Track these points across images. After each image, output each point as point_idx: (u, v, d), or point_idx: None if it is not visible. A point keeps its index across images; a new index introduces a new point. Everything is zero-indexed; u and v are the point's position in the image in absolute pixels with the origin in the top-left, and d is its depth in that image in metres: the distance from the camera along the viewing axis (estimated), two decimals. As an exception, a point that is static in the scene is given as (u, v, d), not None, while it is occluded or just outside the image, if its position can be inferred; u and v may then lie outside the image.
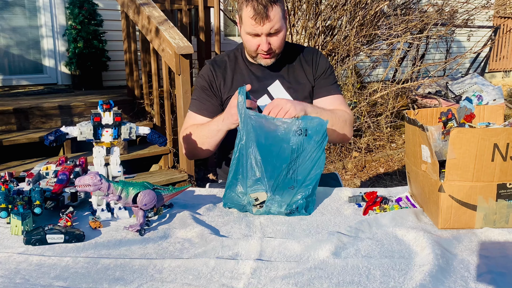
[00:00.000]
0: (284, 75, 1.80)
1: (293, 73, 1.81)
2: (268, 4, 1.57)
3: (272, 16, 1.59)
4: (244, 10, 1.61)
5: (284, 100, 1.52)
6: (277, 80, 1.79)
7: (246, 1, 1.60)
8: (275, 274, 1.03)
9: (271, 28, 1.61)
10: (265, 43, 1.64)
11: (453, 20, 5.58)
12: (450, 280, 1.00)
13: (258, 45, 1.66)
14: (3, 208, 1.28)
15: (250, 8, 1.59)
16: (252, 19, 1.59)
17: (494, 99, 6.26)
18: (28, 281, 1.00)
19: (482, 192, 1.22)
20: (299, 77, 1.81)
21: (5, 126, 3.61)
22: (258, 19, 1.58)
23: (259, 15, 1.58)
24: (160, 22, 3.54)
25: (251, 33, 1.64)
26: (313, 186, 1.40)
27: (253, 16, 1.58)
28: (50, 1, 5.05)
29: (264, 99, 1.77)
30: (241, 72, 1.80)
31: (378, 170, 4.65)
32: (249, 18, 1.60)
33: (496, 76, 9.88)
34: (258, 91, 1.77)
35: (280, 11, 1.61)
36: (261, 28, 1.61)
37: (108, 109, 1.35)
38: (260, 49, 1.67)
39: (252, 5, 1.58)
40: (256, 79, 1.79)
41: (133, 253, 1.14)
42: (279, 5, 1.61)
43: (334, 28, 4.82)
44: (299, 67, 1.82)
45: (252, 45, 1.68)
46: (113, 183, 1.23)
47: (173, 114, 3.82)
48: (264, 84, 1.78)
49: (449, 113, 1.38)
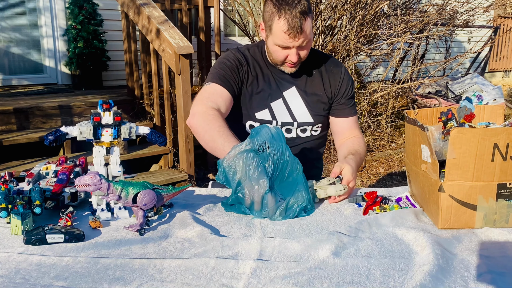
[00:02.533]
0: (302, 83, 1.76)
1: (312, 82, 1.76)
2: (302, 18, 1.51)
3: (307, 30, 1.53)
4: (276, 22, 1.54)
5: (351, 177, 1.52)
6: (293, 86, 1.75)
7: (278, 13, 1.52)
8: (275, 274, 1.03)
9: (304, 41, 1.56)
10: (295, 55, 1.59)
11: (453, 20, 5.58)
12: (450, 280, 1.00)
13: (287, 55, 1.61)
14: (3, 208, 1.28)
15: (283, 21, 1.51)
16: (286, 34, 1.52)
17: (494, 99, 6.26)
18: (28, 281, 1.00)
19: (482, 192, 1.22)
20: (317, 88, 1.77)
21: (5, 126, 3.61)
22: (292, 34, 1.52)
23: (293, 30, 1.51)
24: (161, 22, 3.54)
25: (282, 45, 1.58)
26: (304, 189, 1.37)
27: (287, 30, 1.52)
28: (50, 1, 5.05)
29: (278, 102, 1.74)
30: (261, 70, 1.74)
31: (378, 170, 4.65)
32: (282, 31, 1.53)
33: (496, 76, 9.87)
34: (273, 94, 1.74)
35: (311, 22, 1.55)
36: (294, 42, 1.55)
37: (108, 109, 1.34)
38: (289, 60, 1.62)
39: (286, 18, 1.51)
40: (274, 81, 1.74)
41: (133, 253, 1.14)
42: (310, 16, 1.55)
43: (334, 28, 4.82)
44: (319, 77, 1.77)
45: (280, 55, 1.62)
46: (113, 183, 1.23)
47: (173, 114, 3.82)
48: (280, 88, 1.74)
49: (449, 113, 1.38)
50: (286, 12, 1.51)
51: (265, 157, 1.34)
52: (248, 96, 1.73)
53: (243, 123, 1.76)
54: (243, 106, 1.75)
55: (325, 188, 1.46)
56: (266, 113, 1.74)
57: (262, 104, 1.73)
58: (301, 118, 1.76)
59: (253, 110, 1.74)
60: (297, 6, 1.51)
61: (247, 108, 1.74)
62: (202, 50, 4.50)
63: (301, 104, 1.76)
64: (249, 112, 1.74)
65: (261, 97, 1.73)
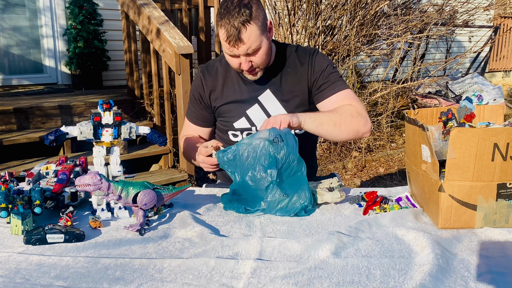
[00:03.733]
0: (276, 83, 1.72)
1: (286, 80, 1.72)
2: (240, 26, 1.49)
3: (246, 38, 1.51)
4: (220, 31, 1.54)
5: (278, 115, 1.47)
6: (268, 89, 1.72)
7: (220, 21, 1.53)
8: (275, 273, 1.03)
9: (247, 49, 1.53)
10: (246, 63, 1.58)
11: (453, 20, 5.58)
12: (450, 280, 1.00)
13: (240, 63, 1.60)
14: (3, 208, 1.28)
15: (223, 30, 1.52)
16: (226, 42, 1.53)
17: (494, 99, 6.26)
18: (28, 280, 1.00)
19: (482, 192, 1.22)
20: (292, 83, 1.73)
21: (5, 126, 3.61)
22: (231, 42, 1.51)
23: (232, 38, 1.50)
24: (161, 22, 3.54)
25: (229, 54, 1.58)
26: (307, 189, 1.40)
27: (226, 39, 1.52)
28: (50, 1, 5.06)
29: (254, 108, 1.73)
30: (231, 80, 1.75)
31: (378, 170, 4.65)
32: (223, 40, 1.54)
33: (496, 76, 9.87)
34: (248, 101, 1.73)
35: (256, 29, 1.52)
36: (237, 51, 1.54)
37: (108, 109, 1.35)
38: (242, 68, 1.61)
39: (225, 27, 1.51)
40: (246, 88, 1.73)
41: (133, 252, 1.14)
42: (254, 22, 1.51)
43: (334, 27, 4.82)
44: (293, 72, 1.73)
45: (233, 64, 1.62)
46: (113, 182, 1.23)
47: (173, 113, 3.82)
48: (255, 93, 1.73)
49: (449, 112, 1.38)
50: (225, 21, 1.51)
51: (278, 149, 1.35)
52: (223, 109, 1.77)
53: (227, 133, 1.81)
54: (222, 117, 1.79)
55: (322, 194, 1.46)
56: (244, 121, 1.75)
57: (238, 113, 1.74)
58: None
59: (231, 120, 1.77)
60: (236, 15, 1.49)
61: (225, 119, 1.79)
62: (202, 50, 4.50)
63: (278, 105, 1.73)
64: (228, 122, 1.78)
65: (236, 107, 1.75)
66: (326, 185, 1.51)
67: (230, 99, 1.75)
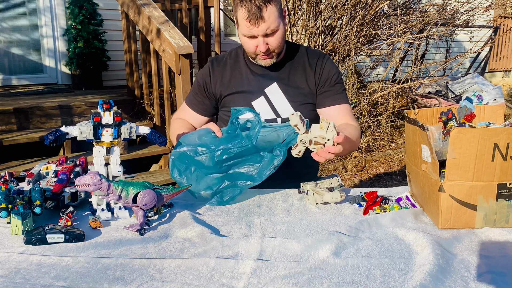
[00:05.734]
0: (284, 78, 1.76)
1: (294, 76, 1.77)
2: (262, 4, 1.54)
3: (267, 17, 1.56)
4: (239, 12, 1.59)
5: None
6: (275, 82, 1.76)
7: (240, 3, 1.57)
8: (275, 274, 1.03)
9: (267, 29, 1.58)
10: (263, 44, 1.62)
11: (453, 20, 5.58)
12: (450, 280, 1.00)
13: (256, 46, 1.63)
14: (3, 208, 1.28)
15: (244, 9, 1.56)
16: (247, 21, 1.57)
17: (494, 99, 6.26)
18: (28, 280, 1.00)
19: (482, 192, 1.22)
20: (299, 81, 1.77)
21: (5, 126, 3.61)
22: (252, 20, 1.56)
23: (253, 16, 1.55)
24: (161, 22, 3.55)
25: (247, 35, 1.62)
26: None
27: (247, 17, 1.56)
28: (50, 1, 5.06)
29: (260, 100, 1.75)
30: (240, 71, 1.79)
31: (378, 170, 4.65)
32: (243, 20, 1.58)
33: (496, 76, 9.87)
34: (254, 92, 1.75)
35: (275, 10, 1.58)
36: (257, 30, 1.58)
37: (108, 109, 1.35)
38: (258, 50, 1.65)
39: (246, 6, 1.55)
40: (254, 79, 1.77)
41: (133, 252, 1.14)
42: (274, 4, 1.57)
43: (334, 27, 4.82)
44: (301, 71, 1.77)
45: (250, 46, 1.66)
46: (113, 182, 1.23)
47: (173, 114, 3.81)
48: (261, 85, 1.76)
49: (449, 112, 1.38)
50: (247, 1, 1.55)
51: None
52: (228, 99, 1.79)
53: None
54: (226, 107, 1.80)
55: (322, 194, 1.46)
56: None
57: (243, 104, 1.75)
58: (284, 114, 1.76)
59: None
60: None
61: (230, 110, 1.78)
62: (202, 50, 4.50)
63: (284, 99, 1.76)
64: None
65: (241, 97, 1.76)
66: (326, 185, 1.51)
67: (236, 90, 1.77)
